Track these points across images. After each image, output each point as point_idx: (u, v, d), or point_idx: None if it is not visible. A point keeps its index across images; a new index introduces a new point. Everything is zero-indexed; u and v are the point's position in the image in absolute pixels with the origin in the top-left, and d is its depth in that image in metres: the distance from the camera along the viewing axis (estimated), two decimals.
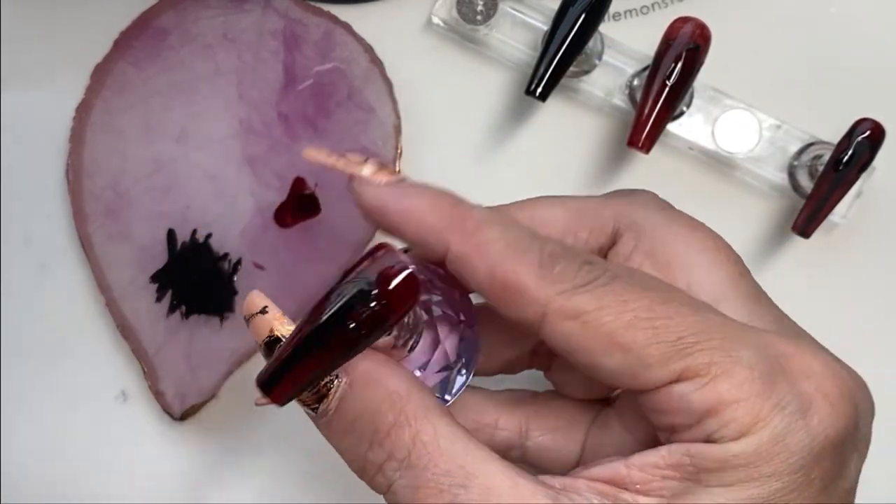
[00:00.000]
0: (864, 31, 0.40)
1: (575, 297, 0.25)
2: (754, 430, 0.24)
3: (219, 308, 0.37)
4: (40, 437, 0.39)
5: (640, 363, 0.24)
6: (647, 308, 0.25)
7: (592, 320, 0.24)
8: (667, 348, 0.24)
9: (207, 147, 0.38)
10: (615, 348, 0.24)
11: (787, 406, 0.24)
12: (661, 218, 0.29)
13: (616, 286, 0.25)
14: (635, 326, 0.24)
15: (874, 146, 0.36)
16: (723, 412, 0.24)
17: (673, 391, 0.24)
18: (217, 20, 0.39)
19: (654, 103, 0.35)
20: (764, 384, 0.24)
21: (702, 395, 0.24)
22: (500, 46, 0.40)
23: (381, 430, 0.24)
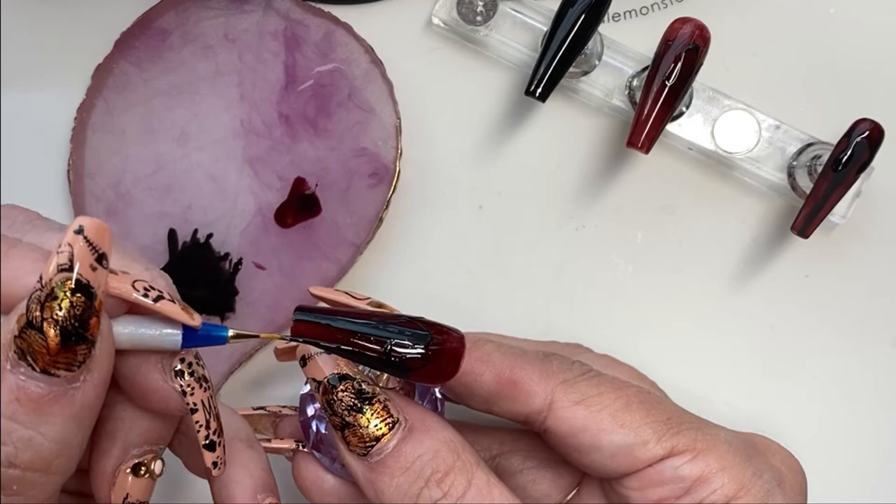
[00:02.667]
0: (863, 31, 0.40)
1: (577, 385, 0.29)
2: (740, 494, 0.28)
3: (219, 308, 0.38)
4: None
5: (638, 440, 0.29)
6: (636, 393, 0.29)
7: (596, 403, 0.29)
8: (660, 427, 0.29)
9: (208, 147, 0.38)
10: (618, 427, 0.29)
11: (763, 475, 0.29)
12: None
13: (606, 377, 0.30)
14: (632, 408, 0.29)
15: (873, 146, 0.36)
16: (712, 479, 0.28)
17: (665, 465, 0.29)
18: (218, 21, 0.39)
19: (653, 104, 0.35)
20: (741, 458, 0.29)
21: (691, 467, 0.28)
22: (499, 47, 0.40)
23: (440, 471, 0.27)
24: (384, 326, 0.26)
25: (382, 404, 0.27)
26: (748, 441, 0.30)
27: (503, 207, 0.40)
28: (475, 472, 0.27)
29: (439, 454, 0.27)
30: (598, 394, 0.29)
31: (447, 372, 0.26)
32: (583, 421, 0.29)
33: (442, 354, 0.26)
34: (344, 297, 0.30)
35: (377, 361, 0.26)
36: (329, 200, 0.38)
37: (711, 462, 0.29)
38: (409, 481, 0.27)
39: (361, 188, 0.38)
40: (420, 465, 0.27)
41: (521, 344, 0.32)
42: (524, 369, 0.29)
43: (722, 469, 0.28)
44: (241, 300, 0.37)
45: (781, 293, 0.39)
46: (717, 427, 0.30)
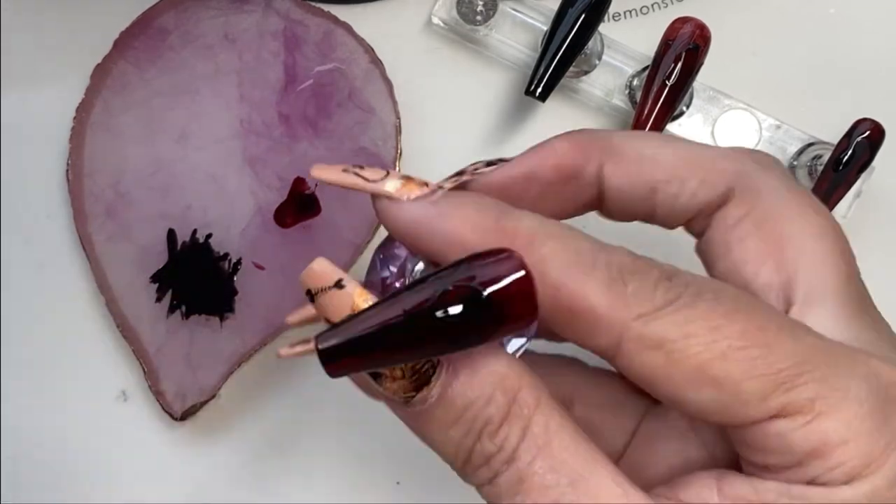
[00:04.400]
0: (863, 31, 0.40)
1: (656, 323, 0.21)
2: (866, 473, 0.21)
3: (219, 308, 0.37)
4: (40, 437, 0.39)
5: (735, 399, 0.21)
6: (740, 335, 0.21)
7: (679, 350, 0.21)
8: (765, 382, 0.21)
9: (208, 147, 0.38)
10: (706, 383, 0.21)
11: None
12: (785, 189, 0.25)
13: (702, 307, 0.22)
14: (729, 358, 0.21)
15: (873, 146, 0.36)
16: (829, 454, 0.21)
17: (770, 429, 0.21)
18: (218, 20, 0.39)
19: (653, 103, 0.35)
20: (875, 421, 0.21)
21: (805, 434, 0.21)
22: (499, 47, 0.40)
23: (494, 422, 0.22)
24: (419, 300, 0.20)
25: None
26: (889, 391, 0.22)
27: None
28: (534, 416, 0.22)
29: (493, 400, 0.22)
30: (683, 336, 0.21)
31: (523, 315, 0.21)
32: (661, 370, 0.22)
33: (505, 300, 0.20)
34: (352, 178, 0.24)
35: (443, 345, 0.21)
36: (329, 200, 0.38)
37: (831, 430, 0.21)
38: (460, 435, 0.22)
39: None
40: (472, 416, 0.22)
41: (682, 147, 0.25)
42: (587, 293, 0.22)
43: (845, 441, 0.21)
44: (240, 300, 0.37)
45: None
46: (850, 370, 0.22)
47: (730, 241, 0.25)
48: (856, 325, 0.24)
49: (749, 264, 0.25)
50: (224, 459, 0.39)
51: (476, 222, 0.23)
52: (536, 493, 0.22)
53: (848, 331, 0.24)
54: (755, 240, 0.25)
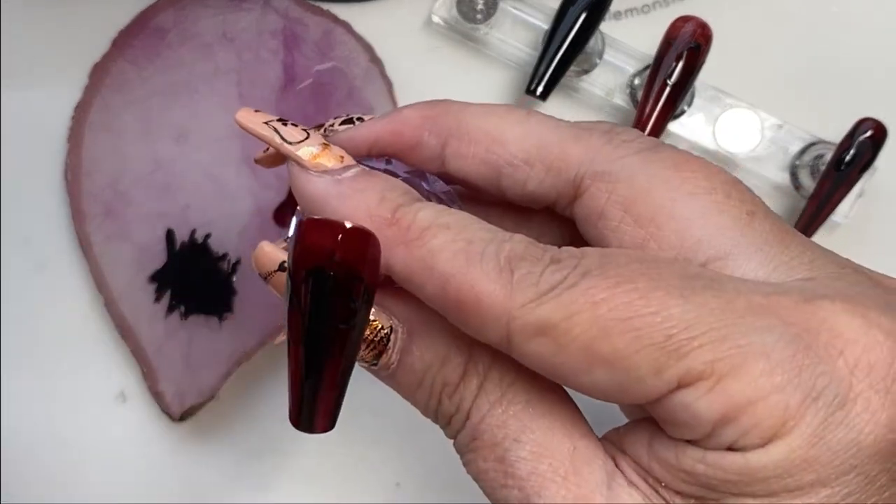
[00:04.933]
0: (865, 30, 0.40)
1: (540, 309, 0.20)
2: (783, 432, 0.20)
3: (218, 308, 0.37)
4: (40, 437, 0.39)
5: (628, 377, 0.20)
6: (625, 306, 0.20)
7: (563, 334, 0.20)
8: (656, 353, 0.20)
9: (207, 147, 0.38)
10: (596, 363, 0.20)
11: (820, 395, 0.20)
12: (639, 161, 0.23)
13: (586, 284, 0.20)
14: (613, 333, 0.20)
15: (876, 146, 0.36)
16: (739, 418, 0.20)
17: (675, 402, 0.20)
18: (216, 19, 0.39)
19: (654, 103, 0.35)
20: (786, 374, 0.19)
21: (709, 402, 0.20)
22: (500, 45, 0.39)
23: (451, 382, 0.22)
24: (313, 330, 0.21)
25: None
26: (801, 332, 0.20)
27: None
28: (489, 371, 0.22)
29: (449, 361, 0.22)
30: (566, 317, 0.20)
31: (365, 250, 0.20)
32: (549, 358, 0.20)
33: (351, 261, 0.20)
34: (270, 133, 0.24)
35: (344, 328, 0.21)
36: None
37: (736, 392, 0.19)
38: (424, 398, 0.23)
39: None
40: (430, 380, 0.22)
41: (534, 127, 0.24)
42: (474, 284, 0.21)
43: (753, 401, 0.19)
44: (239, 300, 0.37)
45: None
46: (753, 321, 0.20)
47: (603, 233, 0.23)
48: (780, 261, 0.22)
49: None
50: (224, 459, 0.39)
51: (373, 211, 0.22)
52: (485, 449, 0.22)
53: (770, 269, 0.22)
54: (628, 225, 0.23)
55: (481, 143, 0.24)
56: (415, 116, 0.25)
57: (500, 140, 0.24)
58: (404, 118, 0.25)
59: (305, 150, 0.23)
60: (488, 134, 0.24)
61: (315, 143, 0.24)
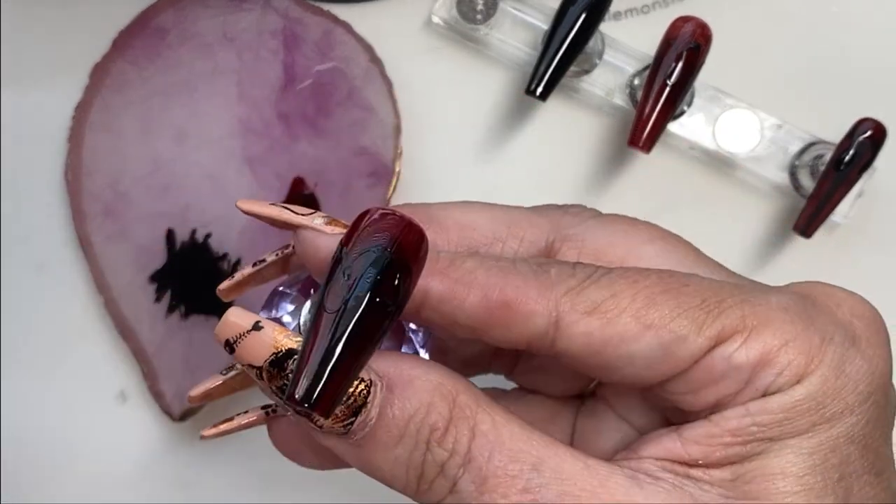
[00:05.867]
0: (865, 30, 0.40)
1: (585, 292, 0.23)
2: (811, 368, 0.23)
3: (218, 308, 0.37)
4: (40, 437, 0.39)
5: (673, 337, 0.23)
6: (659, 283, 0.23)
7: (612, 308, 0.23)
8: (696, 314, 0.23)
9: (207, 147, 0.38)
10: (644, 330, 0.23)
11: (833, 337, 0.23)
12: (597, 222, 0.27)
13: (618, 272, 0.24)
14: (657, 302, 0.23)
15: (875, 146, 0.36)
16: (774, 360, 0.23)
17: (715, 356, 0.23)
18: (216, 19, 0.39)
19: (654, 103, 0.35)
20: (804, 322, 0.23)
21: (747, 350, 0.23)
22: (500, 46, 0.39)
23: (440, 427, 0.22)
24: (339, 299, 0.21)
25: None
26: (806, 299, 0.24)
27: None
28: (477, 415, 0.23)
29: (433, 407, 0.22)
30: (612, 295, 0.23)
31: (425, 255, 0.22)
32: (601, 332, 0.23)
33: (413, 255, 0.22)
34: (283, 212, 0.25)
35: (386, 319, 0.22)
36: (328, 200, 0.37)
37: (769, 338, 0.23)
38: (408, 451, 0.23)
39: (361, 188, 0.38)
40: (415, 428, 0.22)
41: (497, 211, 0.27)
42: (517, 285, 0.23)
43: (784, 344, 0.23)
44: (239, 300, 0.37)
45: None
46: (764, 291, 0.24)
47: None
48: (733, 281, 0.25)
49: None
50: (224, 459, 0.39)
51: None
52: (504, 486, 0.22)
53: None
54: None
55: (452, 230, 0.26)
56: None
57: (471, 226, 0.27)
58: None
59: (318, 220, 0.25)
60: (458, 222, 0.27)
61: (321, 216, 0.25)
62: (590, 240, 0.26)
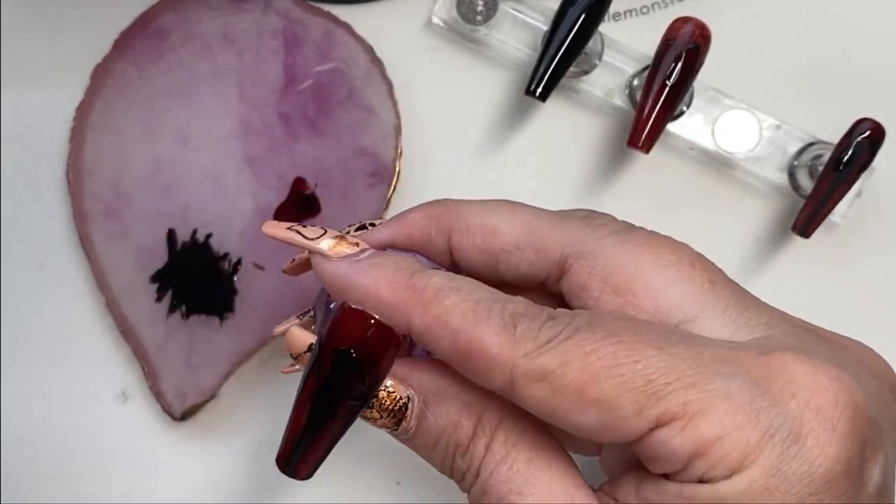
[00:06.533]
0: (864, 30, 0.40)
1: (539, 359, 0.24)
2: (745, 464, 0.23)
3: (219, 308, 0.37)
4: (40, 437, 0.39)
5: (614, 416, 0.23)
6: (611, 356, 0.23)
7: (559, 379, 0.23)
8: (637, 396, 0.23)
9: (207, 147, 0.38)
10: (587, 404, 0.23)
11: (776, 433, 0.23)
12: (614, 241, 0.27)
13: (578, 338, 0.24)
14: (601, 378, 0.23)
15: (874, 146, 0.36)
16: (707, 453, 0.23)
17: (654, 439, 0.23)
18: (217, 20, 0.39)
19: (654, 103, 0.35)
20: (747, 414, 0.23)
21: (682, 438, 0.23)
22: (500, 46, 0.40)
23: (463, 444, 0.25)
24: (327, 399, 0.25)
25: (386, 390, 0.25)
26: (759, 379, 0.24)
27: None
28: (495, 433, 0.25)
29: (460, 425, 0.25)
30: (562, 365, 0.23)
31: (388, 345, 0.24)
32: (546, 401, 0.24)
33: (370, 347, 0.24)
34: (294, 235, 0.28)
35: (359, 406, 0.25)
36: (329, 200, 0.38)
37: (706, 430, 0.23)
38: (440, 458, 0.26)
39: (361, 188, 0.38)
40: (445, 441, 0.25)
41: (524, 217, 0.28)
42: (482, 338, 0.24)
43: (719, 437, 0.23)
44: (240, 300, 0.37)
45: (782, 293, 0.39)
46: (717, 369, 0.23)
47: (587, 303, 0.27)
48: (740, 322, 0.26)
49: None
50: (224, 459, 0.39)
51: (390, 279, 0.26)
52: (492, 501, 0.25)
53: (731, 330, 0.25)
54: (608, 294, 0.26)
55: (478, 235, 0.28)
56: (420, 218, 0.29)
57: (495, 231, 0.28)
58: (412, 221, 0.29)
59: (325, 242, 0.27)
60: (484, 227, 0.28)
61: (331, 236, 0.28)
62: (601, 259, 0.27)
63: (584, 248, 0.27)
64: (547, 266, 0.28)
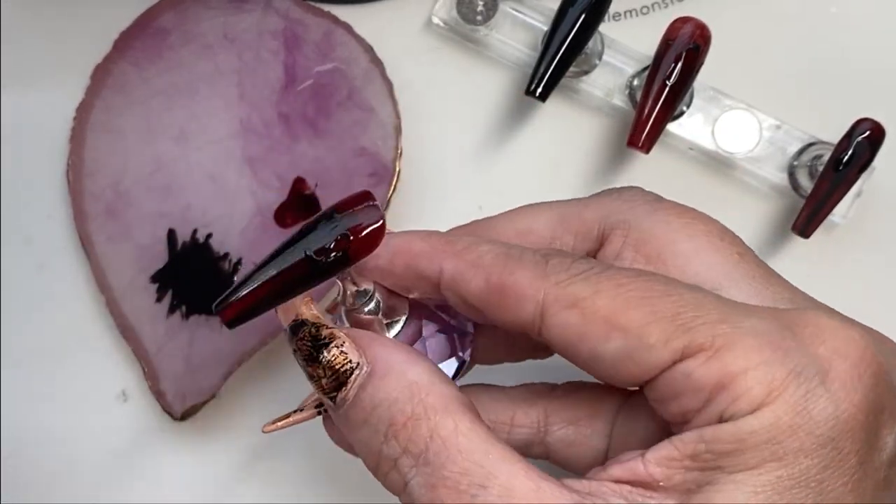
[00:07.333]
0: (864, 30, 0.40)
1: (571, 286, 0.24)
2: (769, 400, 0.22)
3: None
4: (40, 437, 0.39)
5: (640, 344, 0.23)
6: (643, 288, 0.23)
7: (589, 305, 0.23)
8: (666, 325, 0.23)
9: (208, 147, 0.38)
10: (614, 331, 0.23)
11: (802, 371, 0.22)
12: (646, 210, 0.28)
13: (610, 272, 0.24)
14: (632, 306, 0.23)
15: (874, 146, 0.36)
16: (732, 385, 0.22)
17: (677, 371, 0.23)
18: (217, 20, 0.39)
19: (653, 103, 0.35)
20: (774, 351, 0.22)
21: (707, 369, 0.22)
22: (500, 47, 0.40)
23: (397, 422, 0.23)
24: (293, 246, 0.25)
25: (339, 348, 0.24)
26: (789, 325, 0.23)
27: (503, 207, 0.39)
28: (439, 418, 0.23)
29: (397, 402, 0.24)
30: (593, 293, 0.23)
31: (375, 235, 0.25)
32: (575, 328, 0.23)
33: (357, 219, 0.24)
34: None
35: (313, 276, 0.24)
36: (329, 200, 0.37)
37: (730, 362, 0.22)
38: (368, 435, 0.24)
39: (361, 188, 0.38)
40: (377, 417, 0.24)
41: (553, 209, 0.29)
42: (515, 272, 0.24)
43: (744, 370, 0.22)
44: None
45: None
46: (748, 312, 0.24)
47: None
48: (765, 294, 0.26)
49: None
50: (224, 459, 0.39)
51: (425, 235, 0.27)
52: (449, 497, 0.23)
53: (761, 302, 0.26)
54: (640, 263, 0.27)
55: (513, 238, 0.28)
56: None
57: (528, 231, 0.28)
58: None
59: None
60: (517, 230, 0.29)
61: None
62: (634, 227, 0.27)
63: (619, 218, 0.27)
64: (587, 245, 0.28)
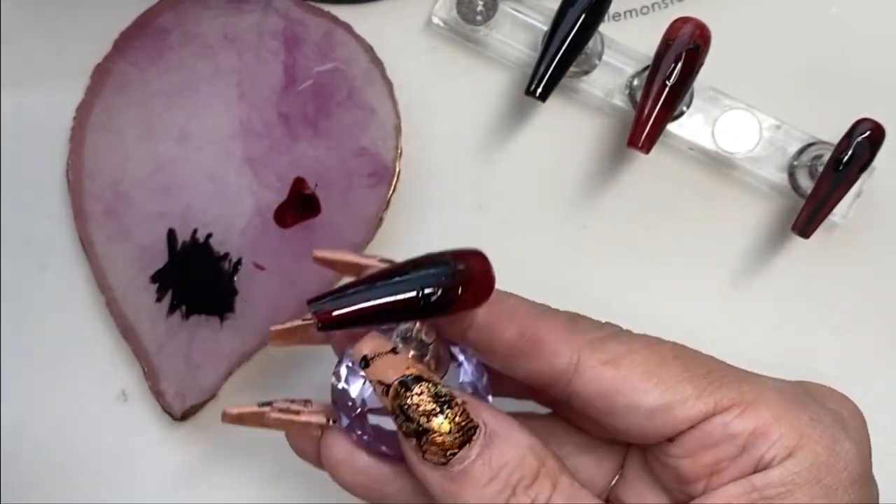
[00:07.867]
0: (864, 31, 0.40)
1: (606, 344, 0.27)
2: (802, 443, 0.25)
3: (219, 308, 0.37)
4: (40, 437, 0.39)
5: (676, 397, 0.26)
6: (671, 349, 0.27)
7: (627, 362, 0.27)
8: (700, 381, 0.26)
9: (208, 147, 0.38)
10: (652, 384, 0.26)
11: (822, 420, 0.26)
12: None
13: (637, 335, 0.27)
14: (667, 364, 0.26)
15: (874, 146, 0.36)
16: (768, 433, 0.25)
17: (714, 424, 0.26)
18: (217, 20, 0.39)
19: (653, 103, 0.35)
20: (795, 404, 0.26)
21: (742, 421, 0.26)
22: (500, 47, 0.40)
23: (528, 477, 0.26)
24: (404, 275, 0.26)
25: (461, 408, 0.25)
26: (799, 388, 0.28)
27: (503, 207, 0.40)
28: (560, 476, 0.26)
29: (525, 460, 0.26)
30: (628, 351, 0.27)
31: (485, 287, 0.26)
32: (612, 381, 0.26)
33: (472, 272, 0.26)
34: (351, 255, 0.30)
35: (417, 310, 0.26)
36: (329, 200, 0.38)
37: (764, 413, 0.26)
38: (496, 491, 0.26)
39: (361, 188, 0.38)
40: (507, 474, 0.26)
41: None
42: (549, 326, 0.27)
43: (777, 419, 0.26)
44: (240, 300, 0.37)
45: (782, 293, 0.39)
46: (762, 377, 0.28)
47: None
48: None
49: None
50: (224, 459, 0.39)
51: None
52: None
53: None
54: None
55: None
56: None
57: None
58: None
59: None
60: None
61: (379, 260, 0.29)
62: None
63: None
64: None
